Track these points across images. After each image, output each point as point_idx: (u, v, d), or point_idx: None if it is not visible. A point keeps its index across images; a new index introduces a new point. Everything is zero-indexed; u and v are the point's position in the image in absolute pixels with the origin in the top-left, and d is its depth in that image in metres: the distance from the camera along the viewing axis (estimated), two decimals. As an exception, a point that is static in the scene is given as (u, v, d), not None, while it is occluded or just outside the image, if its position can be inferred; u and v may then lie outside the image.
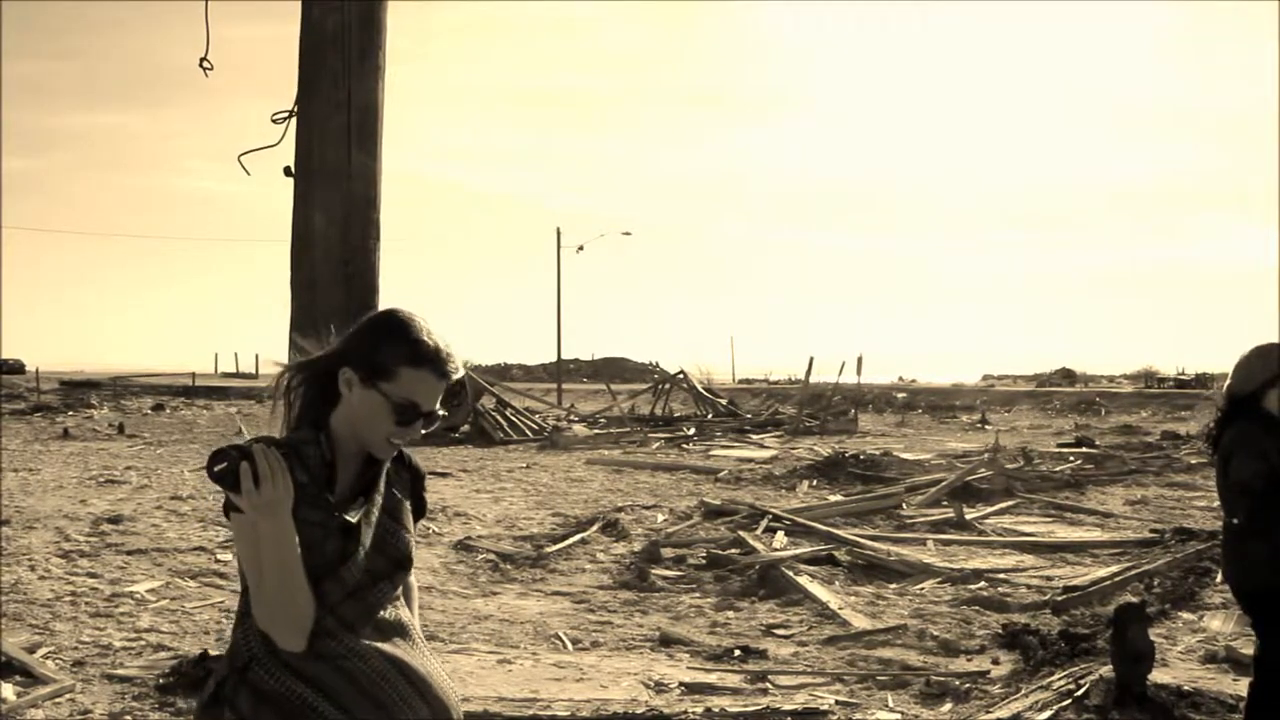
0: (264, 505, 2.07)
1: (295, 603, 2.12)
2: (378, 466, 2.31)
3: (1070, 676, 6.17)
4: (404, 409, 2.23)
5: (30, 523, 12.40)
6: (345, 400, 2.26)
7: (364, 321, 2.32)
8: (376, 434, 2.25)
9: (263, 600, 2.12)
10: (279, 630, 2.13)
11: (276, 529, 2.09)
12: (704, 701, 6.20)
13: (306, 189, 3.20)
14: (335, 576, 2.19)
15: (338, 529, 2.21)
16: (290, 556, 2.10)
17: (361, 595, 2.22)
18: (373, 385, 2.23)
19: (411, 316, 2.29)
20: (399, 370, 2.23)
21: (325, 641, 2.17)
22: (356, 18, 3.18)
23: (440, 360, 2.26)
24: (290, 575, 2.10)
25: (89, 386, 51.08)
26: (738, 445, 25.45)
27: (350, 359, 2.26)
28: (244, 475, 2.04)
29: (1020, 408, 44.29)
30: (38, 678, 6.46)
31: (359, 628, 2.22)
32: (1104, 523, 13.22)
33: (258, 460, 2.06)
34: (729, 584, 9.33)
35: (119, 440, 26.88)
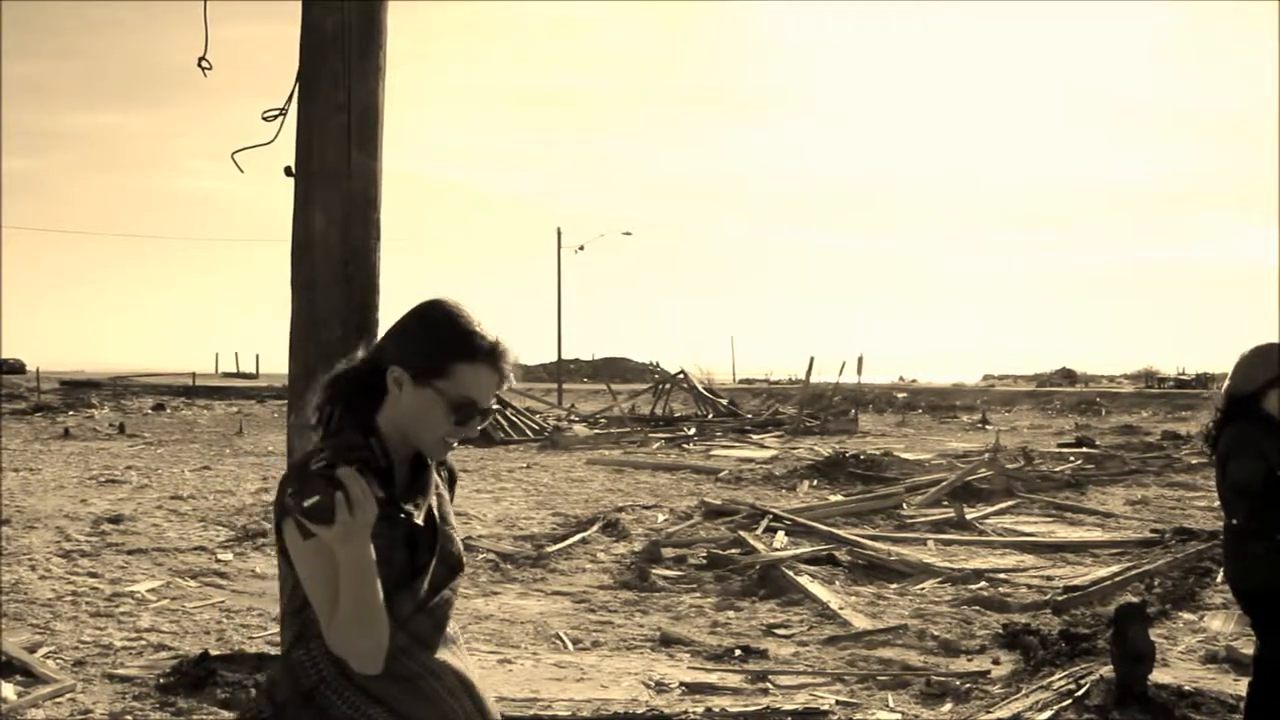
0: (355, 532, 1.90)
1: (375, 626, 1.96)
2: (428, 468, 2.18)
3: (1071, 676, 6.18)
4: (461, 407, 2.10)
5: (31, 522, 12.41)
6: (394, 400, 2.11)
7: (411, 315, 2.17)
8: (431, 435, 2.11)
9: (340, 625, 1.94)
10: (358, 655, 1.96)
11: (358, 553, 1.91)
12: (704, 701, 6.20)
13: (307, 189, 3.19)
14: (407, 589, 2.05)
15: (402, 538, 2.06)
16: (371, 580, 1.94)
17: (431, 608, 2.10)
18: (426, 384, 2.08)
19: (460, 307, 2.15)
20: (455, 367, 2.09)
21: (401, 660, 2.04)
22: (357, 18, 3.18)
23: (498, 354, 2.12)
24: (371, 599, 1.94)
25: (89, 386, 51.08)
26: (738, 445, 25.46)
27: (400, 356, 2.12)
28: (340, 507, 1.87)
29: (1020, 408, 44.29)
30: (38, 677, 6.46)
31: (432, 642, 2.11)
32: (1104, 523, 13.22)
33: (350, 488, 1.88)
34: (729, 584, 9.33)
35: (119, 440, 26.89)
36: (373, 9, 3.20)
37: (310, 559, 1.96)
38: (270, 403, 44.42)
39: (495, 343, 2.12)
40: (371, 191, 3.21)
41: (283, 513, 1.98)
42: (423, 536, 2.10)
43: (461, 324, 2.12)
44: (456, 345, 2.10)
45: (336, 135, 3.15)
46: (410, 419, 2.10)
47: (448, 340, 2.10)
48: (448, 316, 2.13)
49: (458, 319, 2.12)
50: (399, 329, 2.17)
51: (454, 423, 2.10)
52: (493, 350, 2.11)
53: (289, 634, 2.09)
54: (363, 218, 3.19)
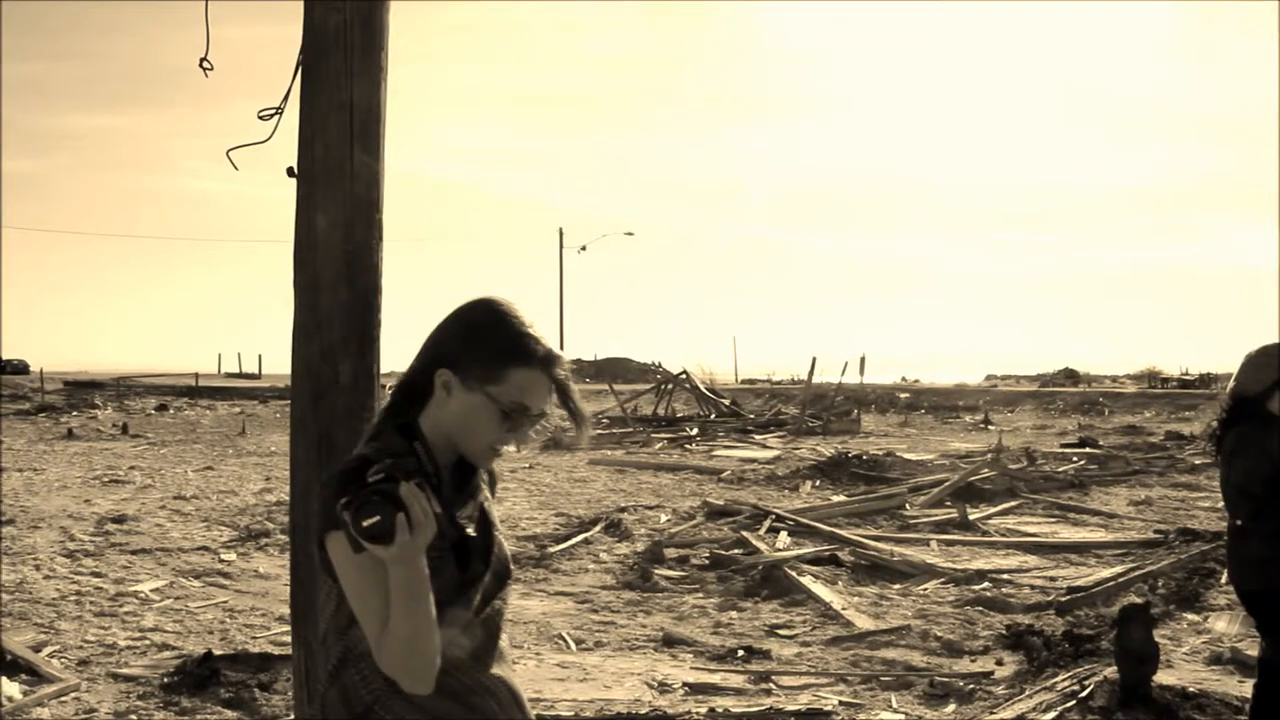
0: (414, 553, 1.82)
1: (429, 645, 1.87)
2: (475, 473, 2.10)
3: (1074, 677, 6.17)
4: (512, 413, 2.00)
5: (35, 522, 12.43)
6: (440, 403, 2.02)
7: (460, 315, 2.07)
8: (480, 441, 2.02)
9: (392, 646, 1.85)
10: (411, 676, 1.88)
11: (412, 571, 1.82)
12: (707, 702, 6.20)
13: (309, 190, 3.19)
14: (459, 601, 1.97)
15: (450, 548, 1.97)
16: (425, 597, 1.85)
17: (483, 620, 2.03)
18: (476, 388, 1.99)
19: (513, 307, 2.05)
20: (508, 372, 1.99)
21: (455, 676, 1.96)
22: (358, 18, 3.18)
23: (552, 359, 2.03)
24: (425, 617, 1.85)
25: (93, 387, 51.15)
26: (741, 445, 25.45)
27: (448, 358, 2.02)
28: (400, 529, 1.78)
29: (1023, 408, 44.23)
30: (43, 676, 6.47)
31: (486, 656, 2.04)
32: (1108, 523, 13.20)
33: (411, 508, 1.79)
34: (732, 584, 9.33)
35: (123, 440, 26.91)
36: (375, 8, 3.20)
37: (359, 575, 1.86)
38: (273, 403, 44.44)
39: (550, 347, 2.03)
40: (374, 192, 3.20)
41: (328, 525, 1.88)
42: (475, 546, 2.01)
43: (515, 326, 2.02)
44: (510, 349, 2.00)
45: (339, 135, 3.15)
46: (458, 424, 2.01)
47: (500, 343, 2.00)
48: (500, 318, 2.03)
49: (511, 321, 2.03)
50: (448, 329, 2.07)
51: (505, 429, 2.01)
52: (547, 355, 2.02)
53: (333, 654, 2.00)
54: (365, 218, 3.18)
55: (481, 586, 2.01)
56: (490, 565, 2.04)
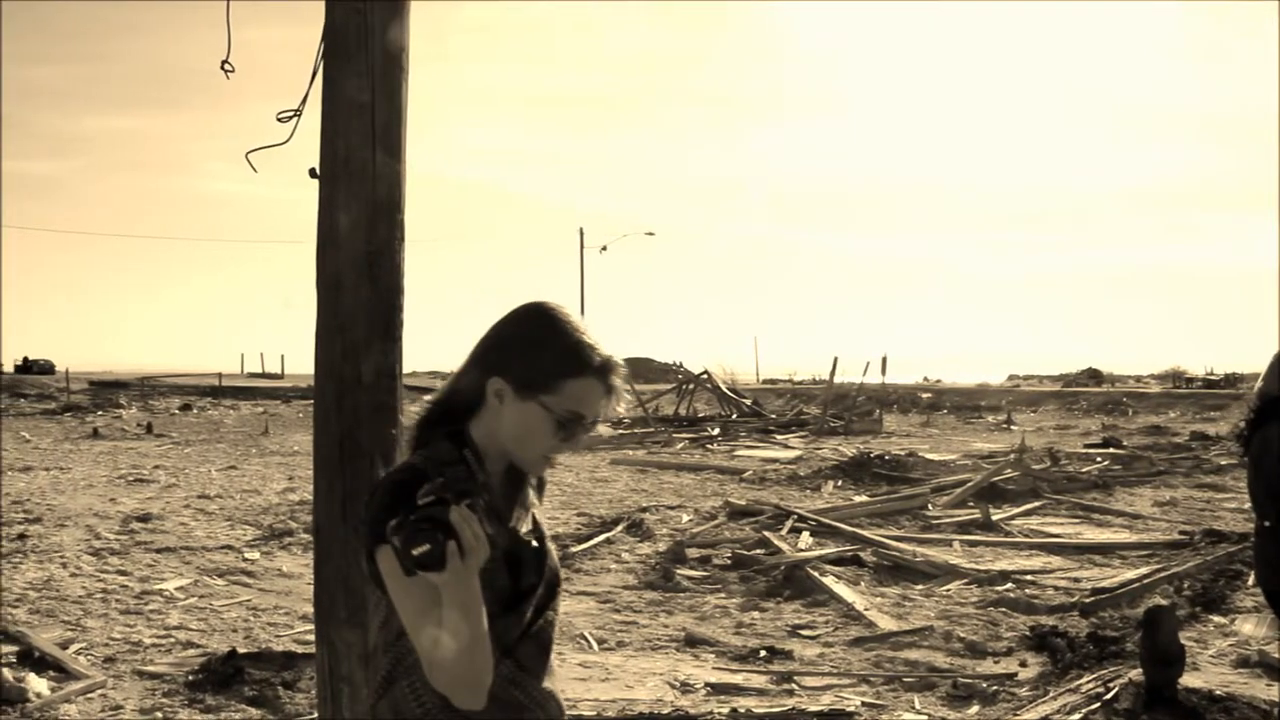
0: (466, 577, 1.78)
1: (481, 664, 1.83)
2: (525, 481, 2.04)
3: (1099, 679, 6.13)
4: (567, 423, 1.94)
5: (62, 521, 12.53)
6: (492, 412, 1.95)
7: (514, 322, 2.00)
8: (533, 451, 1.96)
9: (443, 664, 1.81)
10: (461, 694, 1.84)
11: (465, 591, 1.78)
12: (730, 702, 6.19)
13: (331, 191, 3.21)
14: (512, 614, 1.93)
15: (502, 560, 1.91)
16: (478, 614, 1.80)
17: (535, 633, 1.98)
18: (531, 397, 1.92)
19: (569, 314, 1.99)
20: (564, 382, 1.93)
21: (508, 690, 1.92)
22: (379, 19, 3.19)
23: (610, 369, 1.96)
24: (477, 634, 1.80)
25: (118, 387, 51.54)
26: (762, 445, 25.41)
27: (501, 366, 1.95)
28: (451, 556, 1.74)
29: (1046, 408, 44.00)
30: (70, 673, 6.53)
31: (538, 670, 1.99)
32: (1132, 524, 13.12)
33: (463, 534, 1.75)
34: (754, 584, 9.31)
35: (147, 440, 27.09)
36: (395, 10, 3.21)
37: (410, 593, 1.82)
38: (295, 402, 44.66)
39: (607, 357, 1.97)
40: (395, 192, 3.22)
41: (377, 539, 1.84)
42: (527, 558, 1.96)
43: (572, 335, 1.96)
44: (566, 358, 1.94)
45: (360, 136, 3.17)
46: (511, 433, 1.95)
47: (557, 353, 1.94)
48: (555, 325, 1.97)
49: (566, 328, 1.96)
50: (501, 336, 2.00)
51: (559, 439, 1.96)
52: (605, 365, 1.96)
53: (383, 665, 1.98)
54: (387, 218, 3.20)
55: (534, 598, 1.97)
56: (543, 577, 2.00)
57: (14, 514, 12.99)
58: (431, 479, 1.83)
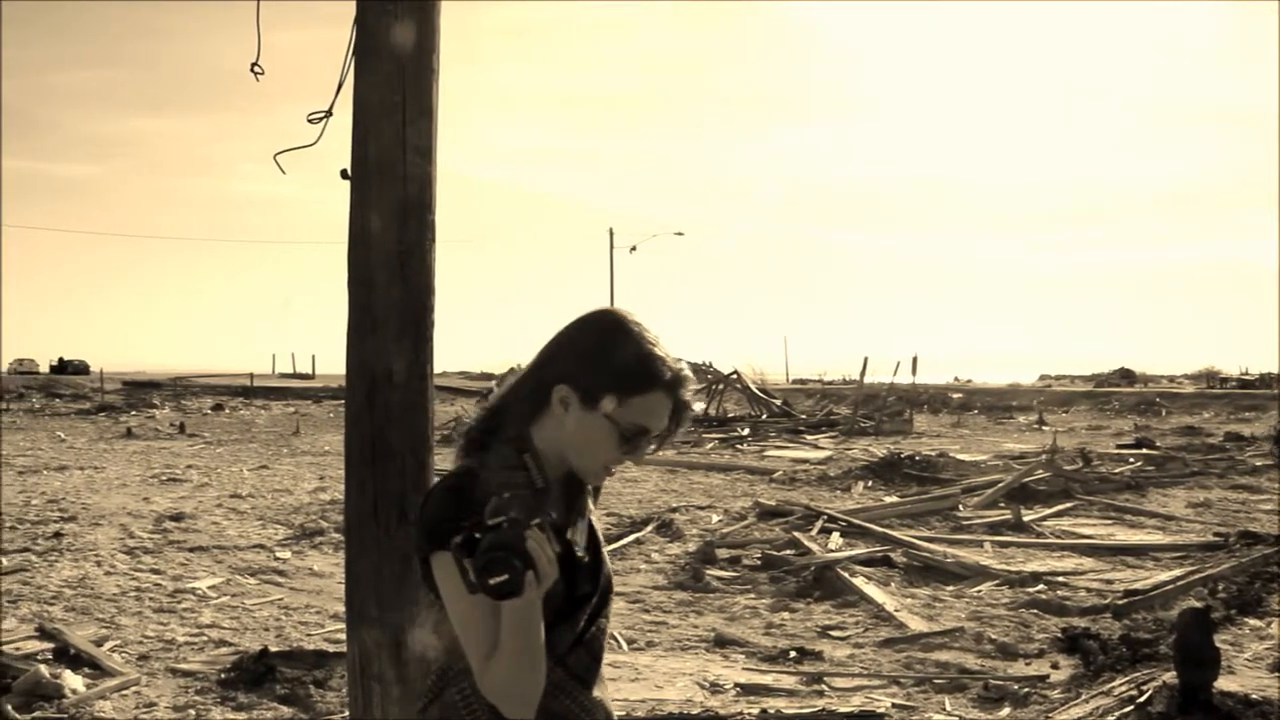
0: (536, 598, 1.75)
1: (536, 677, 1.81)
2: (583, 488, 2.01)
3: (1132, 682, 6.07)
4: (632, 435, 1.90)
5: (96, 519, 12.66)
6: (556, 419, 1.91)
7: (584, 330, 1.95)
8: (595, 461, 1.93)
9: (497, 671, 1.80)
10: (515, 704, 1.83)
11: (529, 608, 1.76)
12: (759, 703, 6.18)
13: (362, 191, 3.22)
14: (566, 622, 1.90)
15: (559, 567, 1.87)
16: (537, 627, 1.79)
17: (587, 640, 1.96)
18: (596, 408, 1.88)
19: (640, 325, 1.93)
20: (631, 396, 1.88)
21: (559, 698, 1.90)
22: (410, 20, 3.20)
23: (679, 383, 1.91)
24: (535, 646, 1.79)
25: (151, 387, 52.06)
26: (792, 446, 25.35)
27: (568, 374, 1.90)
28: (529, 586, 1.71)
29: (1078, 408, 43.69)
30: (105, 670, 6.59)
31: (590, 678, 1.97)
32: (1165, 526, 13.00)
33: (539, 561, 1.71)
34: (784, 585, 9.29)
35: (180, 439, 27.32)
36: (426, 10, 3.22)
37: (468, 605, 1.79)
38: (326, 402, 44.93)
39: (677, 370, 1.92)
40: (426, 192, 3.23)
41: (434, 545, 1.82)
42: (583, 566, 1.92)
43: (642, 347, 1.90)
44: (636, 371, 1.89)
45: (391, 137, 3.18)
46: (574, 442, 1.91)
47: (626, 364, 1.89)
48: (625, 336, 1.91)
49: (636, 340, 1.91)
50: (569, 343, 1.95)
51: (622, 450, 1.92)
52: (674, 379, 1.91)
53: (435, 669, 1.97)
54: (418, 218, 3.21)
55: (589, 607, 1.95)
56: (598, 585, 1.97)
57: (50, 513, 13.13)
58: (489, 485, 1.81)
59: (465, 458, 1.96)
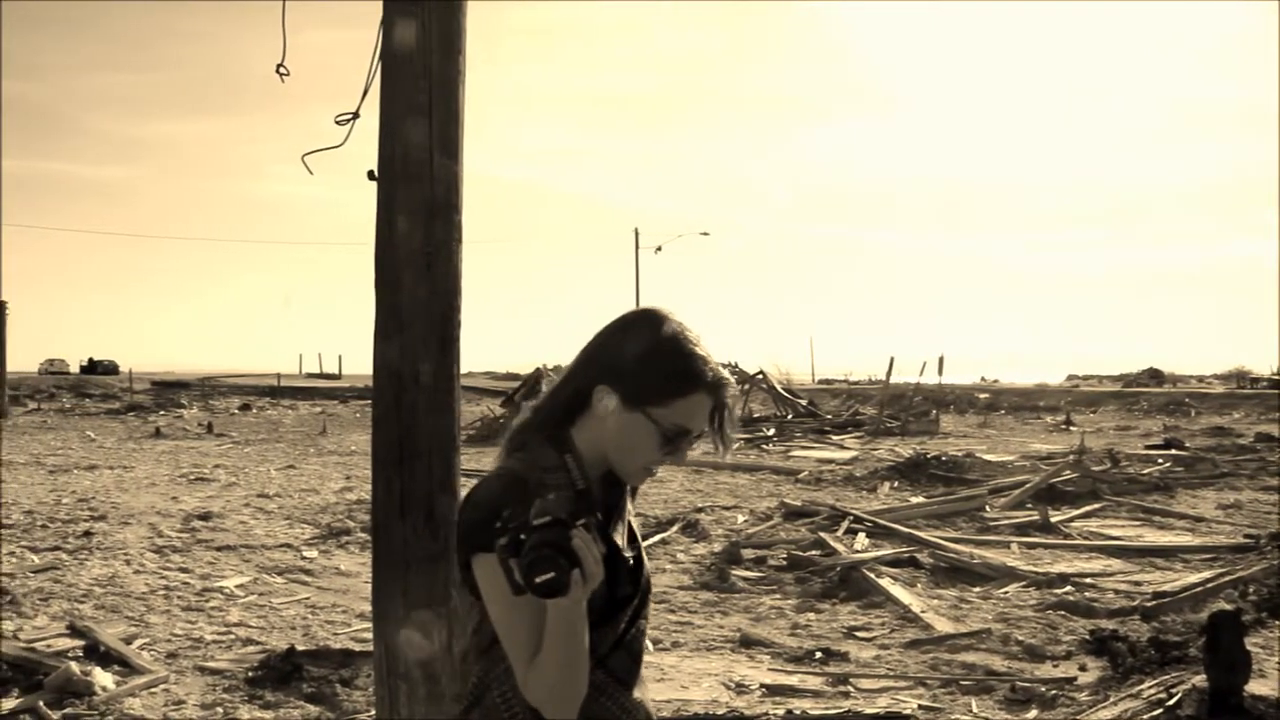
0: (581, 599, 1.75)
1: (580, 680, 1.81)
2: (623, 488, 2.00)
3: (1161, 685, 6.03)
4: (674, 437, 1.89)
5: (125, 518, 12.76)
6: (597, 419, 1.91)
7: (626, 330, 1.95)
8: (636, 462, 1.92)
9: (540, 675, 1.79)
10: (558, 708, 1.82)
11: (574, 611, 1.75)
12: (785, 703, 6.17)
13: (389, 192, 3.24)
14: (607, 624, 1.89)
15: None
16: (582, 631, 1.78)
17: (628, 642, 1.94)
18: (638, 409, 1.88)
19: (682, 326, 1.92)
20: (674, 397, 1.88)
21: (600, 701, 1.89)
22: (436, 22, 3.21)
23: (721, 385, 1.91)
24: (580, 650, 1.78)
25: (179, 387, 52.46)
26: (818, 446, 25.29)
27: (610, 375, 1.90)
28: (575, 584, 1.70)
29: (1106, 409, 43.39)
30: (134, 668, 6.65)
31: (630, 680, 1.96)
32: (1195, 527, 12.89)
33: (585, 560, 1.70)
34: (810, 586, 9.27)
35: (208, 439, 27.52)
36: (452, 11, 3.23)
37: (511, 608, 1.79)
38: (353, 402, 45.15)
39: (718, 370, 1.92)
40: (453, 193, 3.24)
41: (476, 547, 1.82)
42: (624, 568, 1.91)
43: (685, 349, 1.90)
44: (678, 372, 1.89)
45: (418, 138, 3.19)
46: (615, 443, 1.91)
47: (668, 366, 1.89)
48: (668, 337, 1.91)
49: (679, 341, 1.90)
50: (611, 344, 1.95)
51: (663, 452, 1.91)
52: (716, 381, 1.91)
53: (474, 672, 1.95)
54: (444, 219, 3.22)
55: (629, 609, 1.94)
56: (639, 587, 1.96)
57: (80, 511, 13.25)
58: (530, 486, 1.81)
59: (506, 458, 1.96)
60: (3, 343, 40.03)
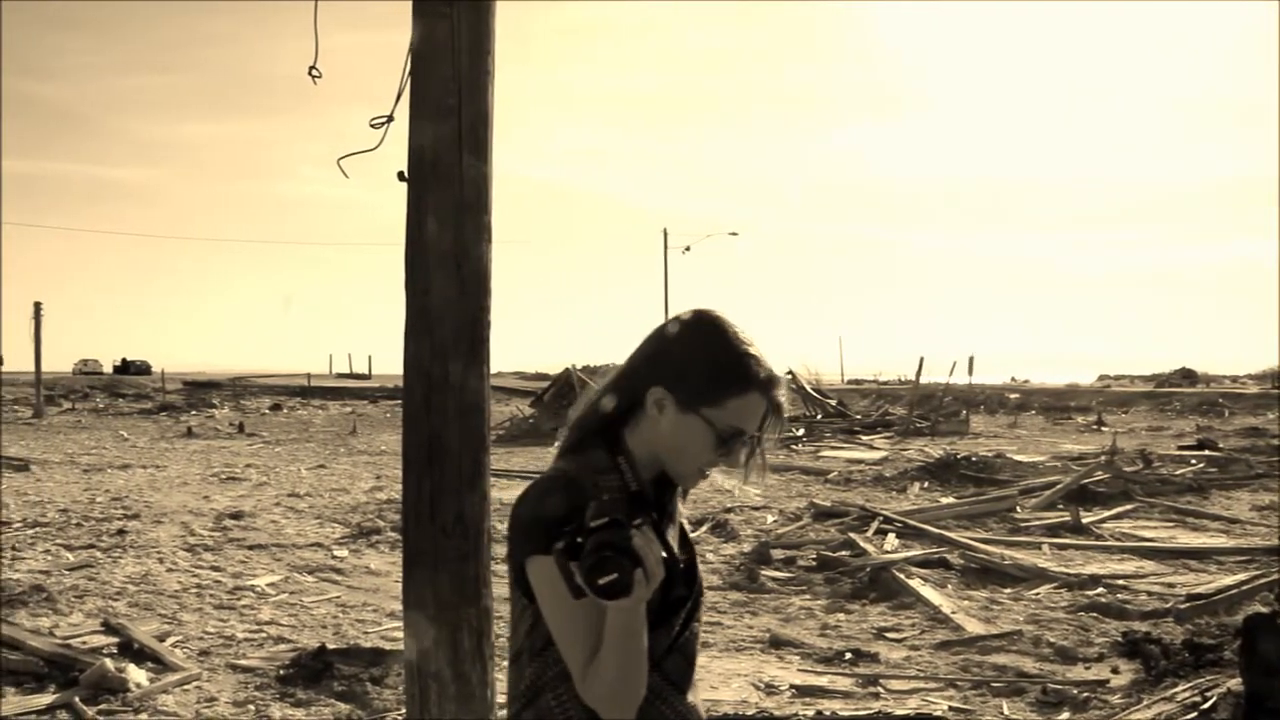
0: (642, 600, 1.72)
1: (639, 682, 1.79)
2: (674, 490, 2.00)
3: (1195, 688, 5.97)
4: (729, 438, 1.89)
5: (158, 517, 12.88)
6: (651, 421, 1.90)
7: (677, 332, 1.94)
8: (690, 464, 1.92)
9: (602, 680, 1.77)
10: (614, 709, 1.80)
11: (634, 612, 1.73)
12: (814, 704, 6.15)
13: (419, 193, 3.24)
14: (662, 627, 1.87)
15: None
16: (641, 634, 1.76)
17: (682, 645, 1.93)
18: (693, 410, 1.87)
19: (734, 326, 1.93)
20: (728, 397, 1.87)
21: (655, 705, 1.87)
22: (466, 22, 3.21)
23: (775, 384, 1.90)
24: (639, 653, 1.77)
25: (211, 387, 52.90)
26: (847, 446, 25.21)
27: (663, 376, 1.89)
28: (638, 584, 1.68)
29: (1138, 409, 43.01)
30: (167, 665, 6.71)
31: (685, 683, 1.94)
32: (1229, 529, 12.76)
33: (647, 560, 1.68)
34: (839, 586, 9.24)
35: (239, 439, 27.73)
36: (482, 12, 3.23)
37: (568, 609, 1.77)
38: (383, 402, 45.37)
39: (770, 369, 1.91)
40: (482, 194, 3.24)
41: (531, 549, 1.81)
42: (677, 570, 1.86)
43: (737, 348, 1.90)
44: (732, 373, 1.88)
45: (448, 139, 3.19)
46: (669, 444, 1.90)
47: (722, 366, 1.88)
48: (722, 337, 1.90)
49: (732, 341, 1.90)
50: (664, 345, 1.94)
51: (717, 453, 1.91)
52: (770, 380, 1.90)
53: (527, 674, 1.93)
54: (474, 220, 3.22)
55: (683, 611, 1.92)
56: (692, 589, 1.95)
57: (114, 510, 13.38)
58: (583, 488, 1.80)
59: (559, 460, 1.95)
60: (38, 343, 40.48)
